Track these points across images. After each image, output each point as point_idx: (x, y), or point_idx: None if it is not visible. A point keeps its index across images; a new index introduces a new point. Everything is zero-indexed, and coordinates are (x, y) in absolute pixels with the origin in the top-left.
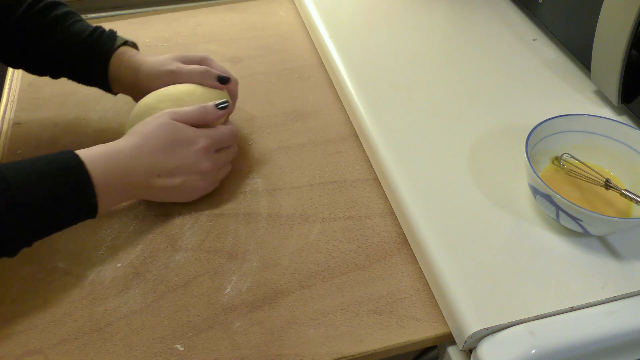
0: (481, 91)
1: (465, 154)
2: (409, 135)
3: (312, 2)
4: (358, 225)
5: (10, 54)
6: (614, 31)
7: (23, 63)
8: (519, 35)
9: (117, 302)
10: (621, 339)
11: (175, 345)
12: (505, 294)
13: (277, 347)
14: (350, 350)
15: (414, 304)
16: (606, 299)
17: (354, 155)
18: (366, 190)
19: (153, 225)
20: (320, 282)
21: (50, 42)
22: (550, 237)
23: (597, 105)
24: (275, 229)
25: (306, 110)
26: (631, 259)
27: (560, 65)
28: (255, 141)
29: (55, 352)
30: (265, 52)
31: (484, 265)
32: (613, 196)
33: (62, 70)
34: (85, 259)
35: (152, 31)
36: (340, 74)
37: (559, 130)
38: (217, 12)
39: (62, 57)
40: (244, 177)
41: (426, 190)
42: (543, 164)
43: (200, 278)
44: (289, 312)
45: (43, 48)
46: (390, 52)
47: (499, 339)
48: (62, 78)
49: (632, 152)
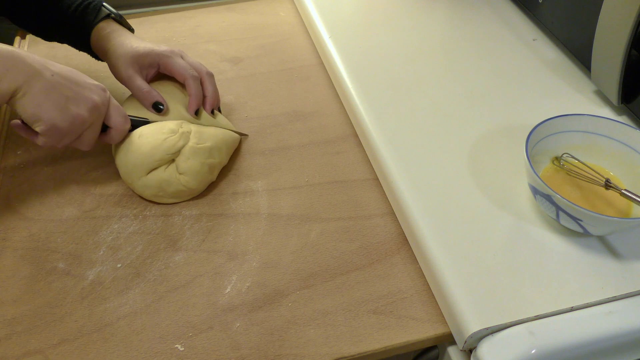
0: (481, 91)
1: (465, 154)
2: (409, 135)
3: (312, 2)
4: (358, 225)
5: (18, 15)
6: (614, 31)
7: (28, 25)
8: (519, 35)
9: (117, 302)
10: (621, 339)
11: (175, 345)
12: (505, 294)
13: (277, 347)
14: (350, 350)
15: (414, 304)
16: (606, 299)
17: (354, 155)
18: (366, 190)
19: (153, 225)
20: (320, 282)
21: (48, 10)
22: (550, 237)
23: (597, 105)
24: (275, 229)
25: (306, 110)
26: (631, 259)
27: (560, 65)
28: (256, 141)
29: (55, 352)
30: (265, 52)
31: (484, 265)
32: (613, 196)
33: (54, 37)
34: (85, 259)
35: (152, 31)
36: (340, 74)
37: (559, 130)
38: (217, 12)
39: (55, 26)
40: (244, 177)
41: (426, 191)
42: (543, 164)
43: (200, 278)
44: (289, 312)
45: (44, 14)
46: (391, 52)
47: (499, 339)
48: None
49: (632, 152)
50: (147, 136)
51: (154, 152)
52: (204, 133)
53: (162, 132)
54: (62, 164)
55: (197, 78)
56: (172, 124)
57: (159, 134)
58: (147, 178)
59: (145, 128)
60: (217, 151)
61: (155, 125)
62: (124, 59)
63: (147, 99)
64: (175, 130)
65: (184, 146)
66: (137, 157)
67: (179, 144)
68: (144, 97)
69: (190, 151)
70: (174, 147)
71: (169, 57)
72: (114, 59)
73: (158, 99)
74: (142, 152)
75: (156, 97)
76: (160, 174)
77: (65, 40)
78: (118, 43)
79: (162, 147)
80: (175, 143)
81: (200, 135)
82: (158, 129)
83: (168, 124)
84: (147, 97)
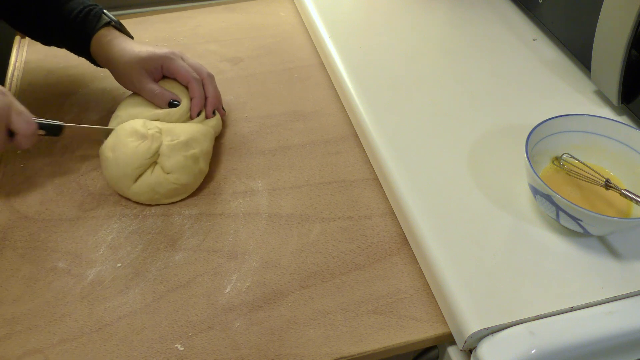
0: (481, 91)
1: (465, 154)
2: (409, 135)
3: (312, 2)
4: (358, 225)
5: (16, 19)
6: (614, 31)
7: (26, 29)
8: (519, 35)
9: (117, 302)
10: (621, 339)
11: (175, 345)
12: (505, 294)
13: (277, 347)
14: (350, 350)
15: (414, 304)
16: (606, 299)
17: (354, 155)
18: (366, 190)
19: (153, 225)
20: (320, 282)
21: (50, 15)
22: (550, 237)
23: (597, 105)
24: (275, 229)
25: (306, 110)
26: (631, 259)
27: (560, 65)
28: (256, 141)
29: (55, 352)
30: (265, 52)
31: (484, 265)
32: (613, 196)
33: (53, 42)
34: (85, 259)
35: (152, 31)
36: (340, 74)
37: (559, 130)
38: (217, 12)
39: (55, 32)
40: (244, 177)
41: (426, 191)
42: (543, 164)
43: (200, 278)
44: (289, 312)
45: (44, 19)
46: (391, 52)
47: (499, 339)
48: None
49: (632, 152)
50: (120, 147)
51: (131, 161)
52: (174, 130)
53: (130, 140)
54: (62, 164)
55: (199, 80)
56: (138, 125)
57: (129, 144)
58: (137, 186)
59: (111, 138)
60: (194, 142)
61: (122, 130)
62: (129, 66)
63: (162, 99)
64: (145, 135)
65: (160, 146)
66: (117, 170)
67: (154, 147)
68: (159, 98)
69: (168, 149)
70: (149, 150)
71: (172, 59)
72: (120, 66)
73: (172, 97)
74: (120, 163)
75: (170, 96)
76: (147, 178)
77: (64, 46)
78: (120, 50)
79: (137, 155)
80: (149, 147)
81: (172, 132)
82: (127, 134)
83: (134, 125)
84: (162, 97)
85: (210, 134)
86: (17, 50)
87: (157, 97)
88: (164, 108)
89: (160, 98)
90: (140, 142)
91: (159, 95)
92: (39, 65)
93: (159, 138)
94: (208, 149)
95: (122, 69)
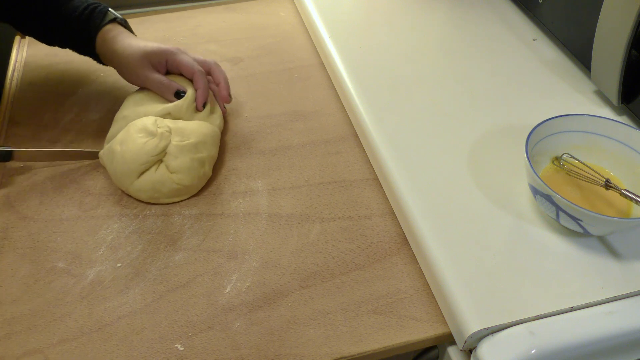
0: (481, 91)
1: (465, 154)
2: (409, 135)
3: (312, 2)
4: (358, 225)
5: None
6: (614, 31)
7: (29, 30)
8: (519, 35)
9: (117, 302)
10: (621, 339)
11: (175, 345)
12: (505, 294)
13: (277, 347)
14: (350, 350)
15: (414, 304)
16: (606, 299)
17: (354, 155)
18: (366, 190)
19: (153, 225)
20: (320, 282)
21: (51, 14)
22: (550, 237)
23: (597, 105)
24: (275, 229)
25: (306, 110)
26: (631, 259)
27: (560, 65)
28: (256, 141)
29: (55, 352)
30: (265, 52)
31: (484, 265)
32: (613, 196)
33: (56, 42)
34: (85, 259)
35: (152, 31)
36: (340, 74)
37: (559, 130)
38: (217, 12)
39: (58, 31)
40: (244, 177)
41: (426, 191)
42: (543, 164)
43: (200, 278)
44: (289, 312)
45: (45, 19)
46: (391, 52)
47: (499, 339)
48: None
49: (632, 152)
50: (127, 143)
51: (137, 157)
52: (185, 129)
53: (139, 136)
54: (62, 164)
55: (203, 73)
56: (149, 123)
57: (137, 140)
58: (139, 182)
59: (121, 133)
60: (203, 145)
61: (133, 126)
62: (135, 59)
63: (169, 89)
64: (154, 132)
65: (168, 145)
66: (122, 165)
67: (161, 145)
68: (166, 88)
69: (176, 149)
70: (156, 148)
71: (176, 53)
72: (123, 59)
73: (179, 87)
74: (126, 159)
75: (177, 86)
76: (151, 176)
77: (67, 45)
78: (126, 44)
79: (144, 151)
80: (156, 145)
81: (182, 132)
82: (137, 130)
83: (145, 122)
84: (168, 88)
85: (218, 138)
86: (17, 50)
87: (164, 87)
88: (170, 99)
89: (167, 87)
90: (149, 139)
91: (166, 84)
92: (39, 64)
93: (167, 137)
94: (215, 154)
95: (127, 63)
